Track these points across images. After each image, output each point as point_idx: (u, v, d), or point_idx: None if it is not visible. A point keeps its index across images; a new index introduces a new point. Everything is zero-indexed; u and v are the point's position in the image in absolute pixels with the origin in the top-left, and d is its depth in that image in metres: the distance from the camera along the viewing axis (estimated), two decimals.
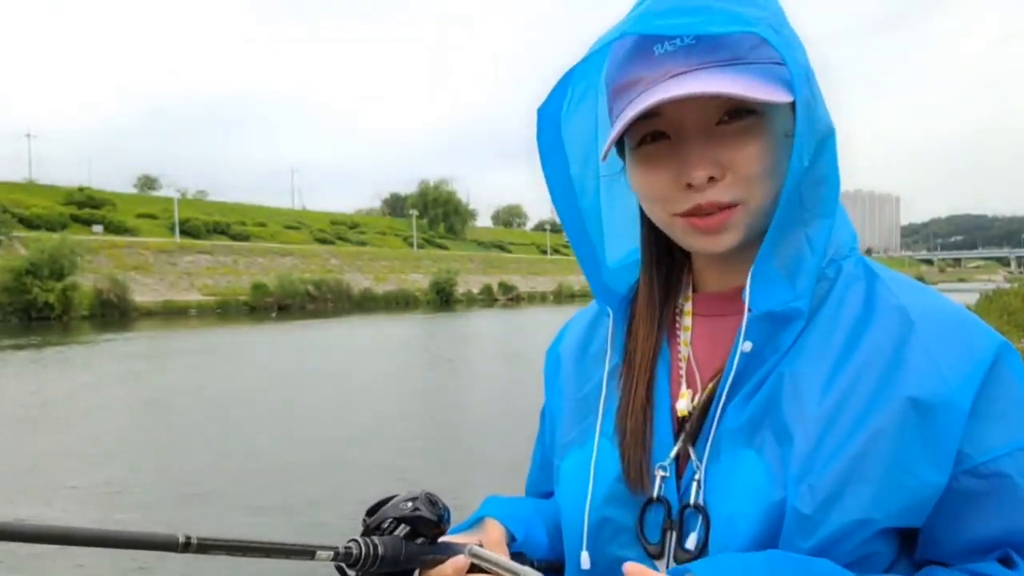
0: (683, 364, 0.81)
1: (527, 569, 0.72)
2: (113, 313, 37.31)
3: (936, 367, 0.69)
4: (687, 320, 0.83)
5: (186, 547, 0.59)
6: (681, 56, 0.70)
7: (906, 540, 0.74)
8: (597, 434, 0.81)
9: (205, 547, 0.61)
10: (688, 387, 0.79)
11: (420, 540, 0.75)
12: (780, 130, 0.72)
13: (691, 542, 0.71)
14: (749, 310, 0.73)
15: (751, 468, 0.70)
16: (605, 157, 0.75)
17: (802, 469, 0.68)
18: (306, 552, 0.67)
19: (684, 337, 0.83)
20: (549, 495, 0.96)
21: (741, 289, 0.75)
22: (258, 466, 8.08)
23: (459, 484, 6.98)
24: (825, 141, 0.73)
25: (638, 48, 0.73)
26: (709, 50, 0.69)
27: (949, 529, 0.71)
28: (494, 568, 0.73)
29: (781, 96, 0.68)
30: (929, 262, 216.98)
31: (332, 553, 0.68)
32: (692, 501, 0.73)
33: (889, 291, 0.75)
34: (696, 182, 0.72)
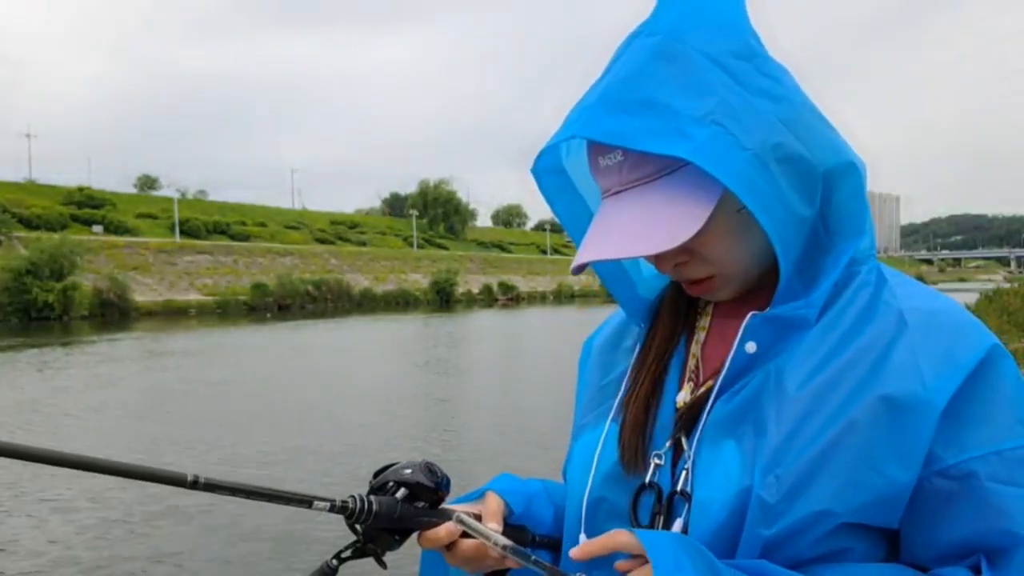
0: (693, 360, 0.84)
1: (500, 538, 0.77)
2: (113, 313, 37.34)
3: (916, 367, 0.70)
4: (705, 320, 0.87)
5: (194, 485, 0.66)
6: (615, 173, 0.75)
7: (894, 542, 0.74)
8: (609, 419, 0.85)
9: (212, 487, 0.67)
10: (691, 381, 0.82)
11: (420, 504, 0.80)
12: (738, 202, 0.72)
13: (677, 526, 0.74)
14: (754, 313, 0.75)
15: (729, 457, 0.73)
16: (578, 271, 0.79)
17: (771, 460, 0.70)
18: (304, 501, 0.72)
19: (699, 336, 0.86)
20: None
21: (758, 292, 0.80)
22: (258, 460, 8.10)
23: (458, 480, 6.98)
24: (844, 174, 0.75)
25: (591, 148, 0.78)
26: (640, 163, 0.73)
27: (923, 531, 0.72)
28: (477, 535, 0.79)
29: (704, 212, 0.70)
30: (929, 262, 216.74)
31: (329, 504, 0.73)
32: (679, 488, 0.75)
33: (893, 295, 0.76)
34: (665, 273, 0.81)
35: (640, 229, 0.72)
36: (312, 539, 5.59)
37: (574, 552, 0.70)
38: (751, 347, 0.75)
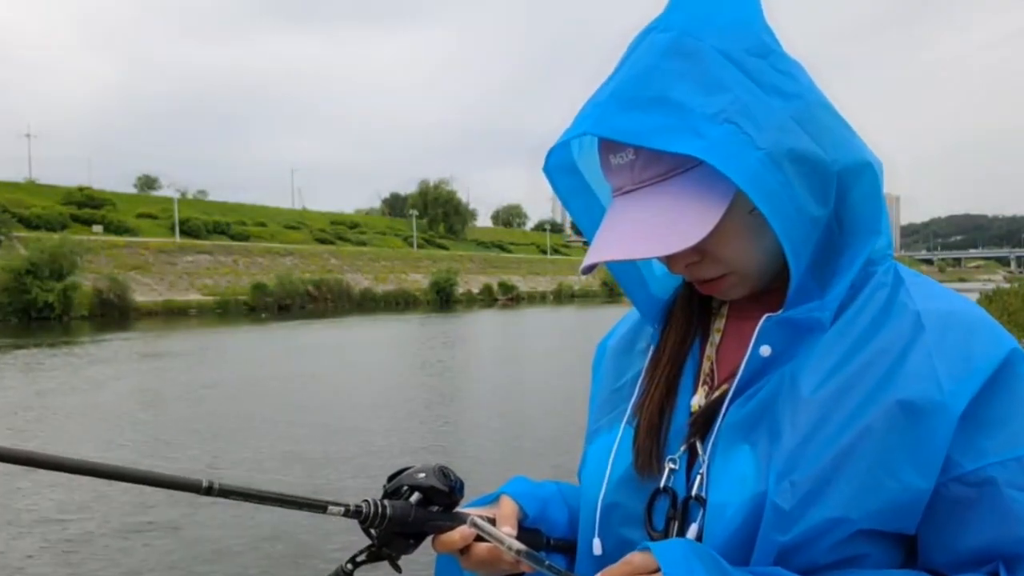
0: (708, 363, 0.83)
1: (514, 542, 0.77)
2: (113, 313, 37.30)
3: (933, 371, 0.69)
4: (719, 322, 0.85)
5: (208, 491, 0.66)
6: (627, 172, 0.73)
7: (911, 548, 0.73)
8: (623, 423, 0.84)
9: (226, 492, 0.67)
10: (705, 384, 0.81)
11: (435, 508, 0.80)
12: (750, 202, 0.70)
13: (692, 532, 0.73)
14: (768, 316, 0.74)
15: (744, 461, 0.72)
16: (588, 272, 0.78)
17: (786, 465, 0.69)
18: (319, 506, 0.72)
19: (713, 338, 0.85)
20: None
21: (772, 293, 0.79)
22: (261, 458, 8.10)
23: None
24: (860, 173, 0.74)
25: (602, 145, 0.77)
26: (652, 161, 0.71)
27: (941, 537, 0.71)
28: (491, 539, 0.79)
29: (717, 212, 0.69)
30: (929, 262, 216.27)
31: (343, 509, 0.73)
32: (694, 492, 0.74)
33: (909, 296, 0.74)
34: (677, 273, 0.80)
35: (651, 229, 0.71)
36: (326, 543, 5.58)
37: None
38: (766, 351, 0.74)
